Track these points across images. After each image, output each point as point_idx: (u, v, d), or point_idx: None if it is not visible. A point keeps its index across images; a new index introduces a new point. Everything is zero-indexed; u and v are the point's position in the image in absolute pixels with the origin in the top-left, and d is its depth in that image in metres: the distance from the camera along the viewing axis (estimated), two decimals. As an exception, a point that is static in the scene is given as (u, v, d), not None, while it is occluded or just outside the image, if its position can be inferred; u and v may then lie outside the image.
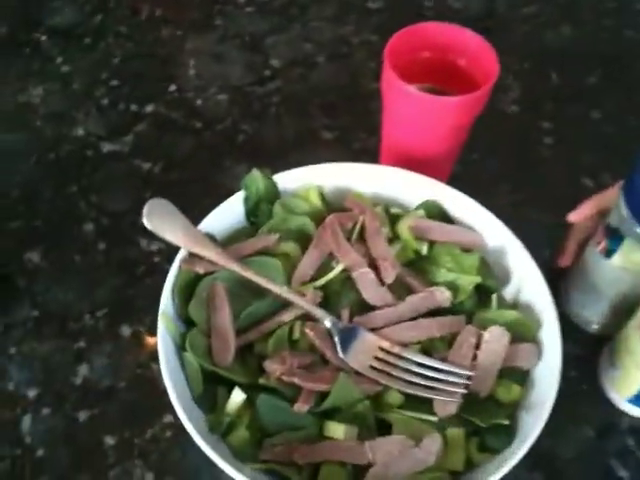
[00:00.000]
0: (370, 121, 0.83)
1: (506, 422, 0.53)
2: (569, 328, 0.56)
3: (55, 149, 0.79)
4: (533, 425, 0.51)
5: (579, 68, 0.91)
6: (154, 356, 0.63)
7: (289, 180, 0.65)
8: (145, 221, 0.57)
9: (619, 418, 0.62)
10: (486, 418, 0.53)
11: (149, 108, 0.83)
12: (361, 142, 0.81)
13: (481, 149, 0.81)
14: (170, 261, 0.58)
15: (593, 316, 0.65)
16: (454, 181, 0.65)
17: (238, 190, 0.63)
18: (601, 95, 0.88)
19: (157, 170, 0.77)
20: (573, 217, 0.66)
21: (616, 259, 0.57)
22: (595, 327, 0.66)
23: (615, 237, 0.56)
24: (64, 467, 0.58)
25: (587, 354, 0.65)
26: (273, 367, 0.53)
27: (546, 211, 0.76)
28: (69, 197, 0.75)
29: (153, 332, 0.64)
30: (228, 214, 0.63)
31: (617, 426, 0.62)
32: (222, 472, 0.56)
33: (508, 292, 0.62)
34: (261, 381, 0.54)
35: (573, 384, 0.64)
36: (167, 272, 0.57)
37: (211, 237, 0.60)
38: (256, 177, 0.63)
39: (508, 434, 0.53)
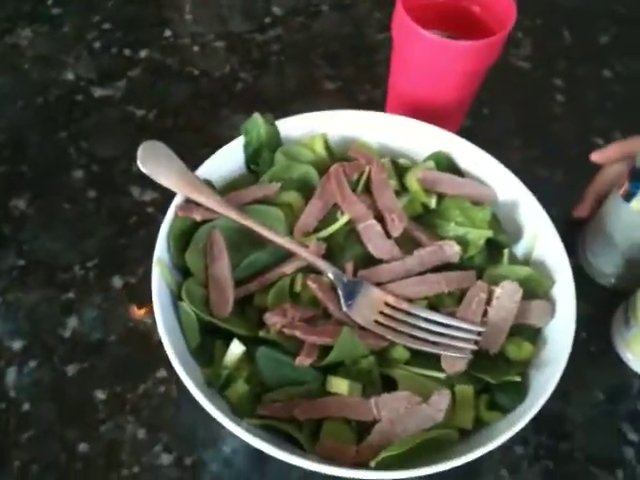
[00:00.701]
0: (375, 72, 0.79)
1: (517, 379, 0.50)
2: (581, 286, 0.54)
3: (43, 93, 0.75)
4: (545, 384, 0.49)
5: (591, 27, 0.88)
6: (147, 309, 0.60)
7: (292, 127, 0.61)
8: (139, 163, 0.54)
9: (630, 380, 0.60)
10: (496, 375, 0.50)
11: (143, 53, 0.79)
12: (366, 94, 0.77)
13: (492, 104, 0.78)
14: (164, 212, 0.55)
15: (608, 268, 0.64)
16: (463, 135, 0.62)
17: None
18: (613, 55, 0.85)
19: (151, 117, 0.73)
20: (596, 157, 0.64)
21: (635, 203, 0.56)
22: (610, 280, 0.64)
23: (637, 179, 0.55)
24: (51, 422, 0.55)
25: (598, 314, 0.63)
26: (274, 319, 0.50)
27: (557, 169, 0.74)
28: (58, 143, 0.71)
29: (146, 284, 0.62)
30: (227, 161, 0.59)
31: (628, 389, 0.60)
32: (218, 428, 0.54)
33: (520, 248, 0.59)
34: (261, 334, 0.51)
35: (583, 345, 0.61)
36: (161, 223, 0.54)
37: (209, 184, 0.57)
38: (258, 122, 0.59)
39: (519, 392, 0.50)
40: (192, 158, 0.57)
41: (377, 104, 0.75)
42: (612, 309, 0.63)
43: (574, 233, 0.67)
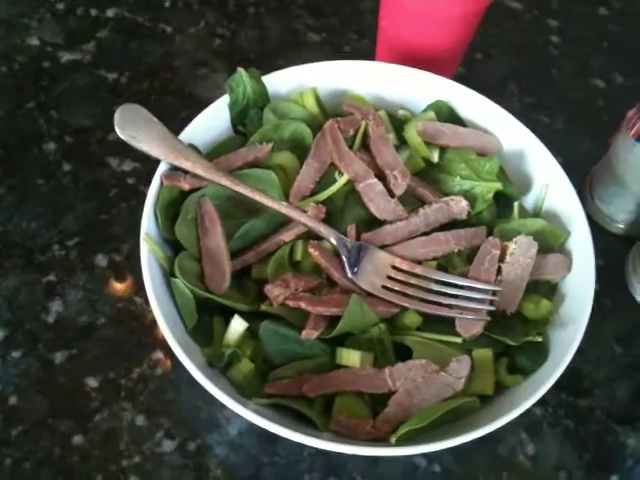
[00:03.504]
0: (360, 21, 0.75)
1: (539, 339, 0.47)
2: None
3: (7, 61, 0.69)
4: (568, 342, 0.47)
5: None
6: (136, 288, 0.56)
7: (279, 82, 0.57)
8: (117, 129, 0.49)
9: (648, 332, 0.58)
10: (516, 336, 0.47)
11: (110, 12, 0.73)
12: (351, 44, 0.73)
13: (485, 49, 0.74)
14: (146, 183, 0.50)
15: (618, 214, 0.61)
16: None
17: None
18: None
19: (124, 80, 0.68)
20: None
21: None
22: (620, 226, 0.62)
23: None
24: (42, 415, 0.51)
25: (610, 264, 0.60)
26: (276, 291, 0.47)
27: (557, 115, 0.70)
28: (26, 114, 0.65)
29: (132, 261, 0.58)
30: (212, 123, 0.55)
31: (646, 341, 0.58)
32: (222, 410, 0.52)
33: (529, 200, 0.56)
34: (263, 308, 0.47)
35: (597, 298, 0.58)
36: (143, 195, 0.50)
37: (194, 148, 0.52)
38: (243, 78, 0.54)
39: (540, 353, 0.48)
40: (173, 122, 0.53)
41: (364, 55, 0.70)
42: (623, 258, 0.60)
43: (579, 180, 0.64)
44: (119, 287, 0.57)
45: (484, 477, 0.51)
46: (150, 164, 0.51)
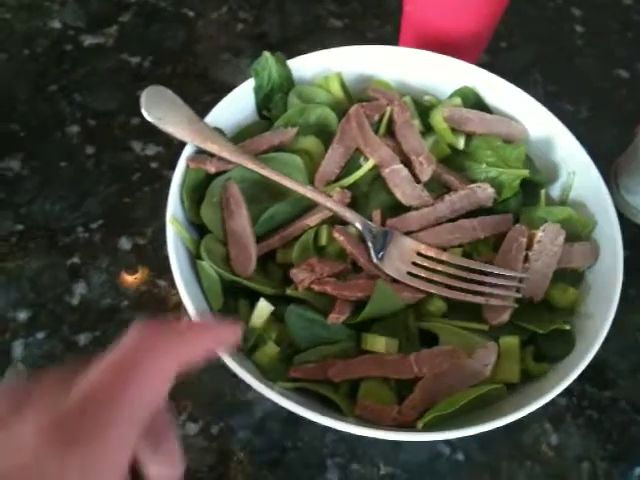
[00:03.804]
0: (383, 7, 0.74)
1: (567, 327, 0.47)
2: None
3: (29, 45, 0.69)
4: (595, 331, 0.46)
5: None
6: (160, 271, 0.56)
7: (304, 67, 0.56)
8: (144, 111, 0.49)
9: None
10: (543, 324, 0.47)
11: (133, -4, 0.73)
12: (374, 31, 0.72)
13: (509, 37, 0.73)
14: (169, 167, 0.50)
15: None
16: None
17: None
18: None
19: (147, 64, 0.68)
20: None
21: None
22: (644, 217, 0.61)
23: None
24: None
25: (635, 255, 0.59)
26: (301, 276, 0.47)
27: (581, 103, 0.69)
28: (49, 97, 0.65)
29: (156, 245, 0.57)
30: (237, 106, 0.55)
31: (672, 332, 0.57)
32: (245, 393, 0.52)
33: (555, 189, 0.56)
34: (288, 292, 0.47)
35: (622, 289, 0.58)
36: (166, 179, 0.49)
37: (220, 132, 0.52)
38: (268, 62, 0.54)
39: (567, 341, 0.47)
40: (196, 107, 0.52)
41: (387, 42, 0.69)
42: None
43: (604, 169, 0.63)
44: (143, 270, 0.57)
45: (507, 466, 0.51)
46: (173, 148, 0.51)
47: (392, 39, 0.69)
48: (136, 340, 0.27)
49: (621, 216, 0.62)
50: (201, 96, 0.63)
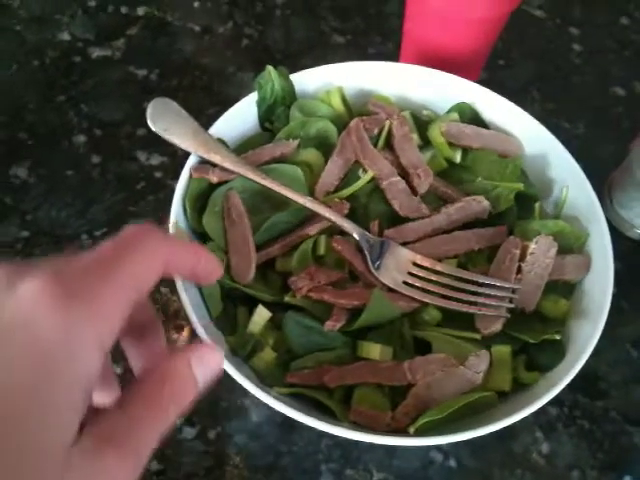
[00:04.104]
0: (385, 24, 0.76)
1: (558, 337, 0.48)
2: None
3: (39, 55, 0.71)
4: (585, 341, 0.47)
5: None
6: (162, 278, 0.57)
7: (306, 81, 0.58)
8: (149, 122, 0.51)
9: (665, 336, 0.58)
10: (535, 334, 0.48)
11: (141, 10, 0.75)
12: (376, 47, 0.74)
13: (507, 55, 0.75)
14: (173, 177, 0.51)
15: (637, 218, 0.62)
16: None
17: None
18: (630, 1, 0.82)
19: (154, 77, 0.70)
20: None
21: None
22: (639, 232, 0.63)
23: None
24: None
25: (627, 268, 0.61)
26: (299, 283, 0.48)
27: (578, 121, 0.71)
28: (57, 107, 0.67)
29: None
30: (240, 119, 0.56)
31: (662, 345, 0.58)
32: (242, 399, 0.53)
33: (549, 202, 0.57)
34: (286, 299, 0.48)
35: (614, 300, 0.59)
36: (170, 189, 0.51)
37: (223, 143, 0.54)
38: (271, 76, 0.56)
39: (557, 351, 0.48)
40: (200, 119, 0.54)
41: (388, 58, 0.70)
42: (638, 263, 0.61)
43: (598, 185, 0.64)
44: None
45: (499, 473, 0.52)
46: (177, 159, 0.53)
47: (393, 55, 0.71)
48: (131, 231, 0.29)
49: (615, 230, 0.63)
50: (206, 108, 0.65)
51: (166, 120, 0.51)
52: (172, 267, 0.31)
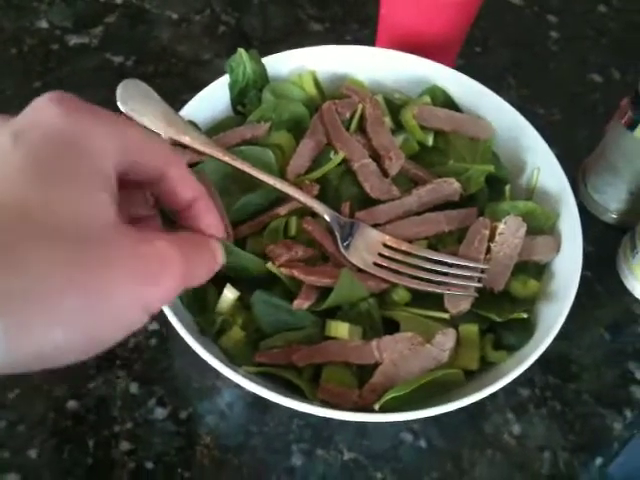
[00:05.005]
0: (362, 12, 0.76)
1: (524, 316, 0.48)
2: (583, 224, 0.51)
3: (17, 43, 0.71)
4: (552, 321, 0.47)
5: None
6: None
7: (279, 64, 0.58)
8: (119, 103, 0.50)
9: (637, 320, 0.58)
10: (503, 313, 0.48)
11: (119, -2, 0.75)
12: (353, 34, 0.74)
13: (484, 42, 0.75)
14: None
15: (612, 203, 0.62)
16: (456, 74, 0.59)
17: (221, 81, 0.56)
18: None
19: (130, 64, 0.70)
20: None
21: (639, 131, 0.54)
22: (613, 216, 0.63)
23: (640, 106, 0.53)
24: (38, 380, 0.52)
25: (602, 253, 0.61)
26: (278, 251, 0.48)
27: (553, 107, 0.71)
28: (33, 93, 0.66)
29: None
30: (212, 101, 0.56)
31: (635, 329, 0.58)
32: (213, 380, 0.53)
33: (521, 184, 0.57)
34: (268, 265, 0.48)
35: (588, 285, 0.60)
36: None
37: (194, 125, 0.54)
38: (243, 59, 0.56)
39: (525, 330, 0.48)
40: (175, 104, 0.53)
41: (365, 44, 0.71)
42: (615, 247, 0.61)
43: (573, 169, 0.65)
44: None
45: (469, 453, 0.52)
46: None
47: (370, 42, 0.71)
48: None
49: (590, 215, 0.64)
50: (181, 94, 0.64)
51: (136, 101, 0.51)
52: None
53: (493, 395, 0.44)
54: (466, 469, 0.51)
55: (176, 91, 0.65)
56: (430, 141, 0.57)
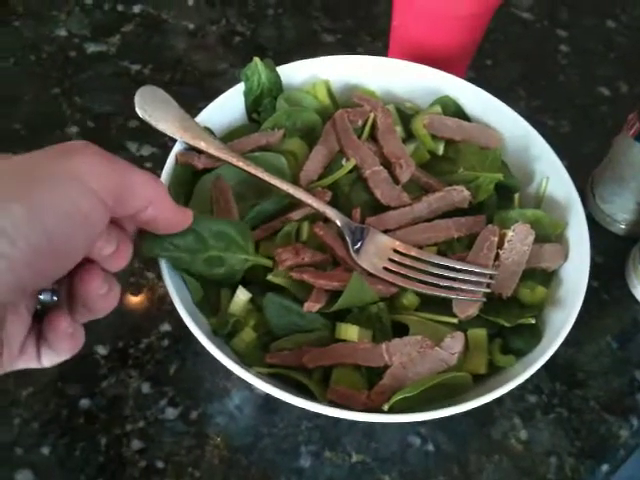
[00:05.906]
0: (374, 24, 0.77)
1: (532, 321, 0.49)
2: (591, 234, 0.52)
3: (36, 51, 0.73)
4: (560, 326, 0.48)
5: (594, -24, 0.87)
6: (148, 263, 0.59)
7: (293, 73, 0.59)
8: (137, 108, 0.52)
9: (643, 327, 0.59)
10: (511, 318, 0.49)
11: (137, 8, 0.77)
12: (364, 46, 0.76)
13: (495, 55, 0.76)
14: (163, 167, 0.52)
15: (619, 213, 0.63)
16: (467, 85, 0.60)
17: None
18: (616, 5, 0.84)
19: (147, 72, 0.71)
20: None
21: None
22: (621, 227, 0.63)
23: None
24: (51, 378, 0.53)
25: (610, 262, 0.62)
26: (284, 256, 0.49)
27: (562, 119, 0.72)
28: (51, 99, 0.69)
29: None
30: (227, 108, 0.57)
31: (641, 336, 0.59)
32: (224, 381, 0.54)
33: (530, 193, 0.58)
34: (269, 277, 0.49)
35: (595, 293, 0.60)
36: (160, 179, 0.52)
37: (209, 131, 0.55)
38: (258, 67, 0.57)
39: (533, 335, 0.49)
40: (191, 111, 0.55)
41: (376, 55, 0.73)
42: (623, 257, 0.62)
43: (581, 181, 0.65)
44: (132, 262, 0.59)
45: (476, 458, 0.52)
46: (168, 150, 0.53)
47: (381, 54, 0.72)
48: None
49: (597, 225, 0.64)
50: (197, 102, 0.65)
51: (153, 107, 0.53)
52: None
53: (500, 401, 0.45)
54: (473, 473, 0.51)
55: (191, 99, 0.66)
56: (440, 150, 0.58)
